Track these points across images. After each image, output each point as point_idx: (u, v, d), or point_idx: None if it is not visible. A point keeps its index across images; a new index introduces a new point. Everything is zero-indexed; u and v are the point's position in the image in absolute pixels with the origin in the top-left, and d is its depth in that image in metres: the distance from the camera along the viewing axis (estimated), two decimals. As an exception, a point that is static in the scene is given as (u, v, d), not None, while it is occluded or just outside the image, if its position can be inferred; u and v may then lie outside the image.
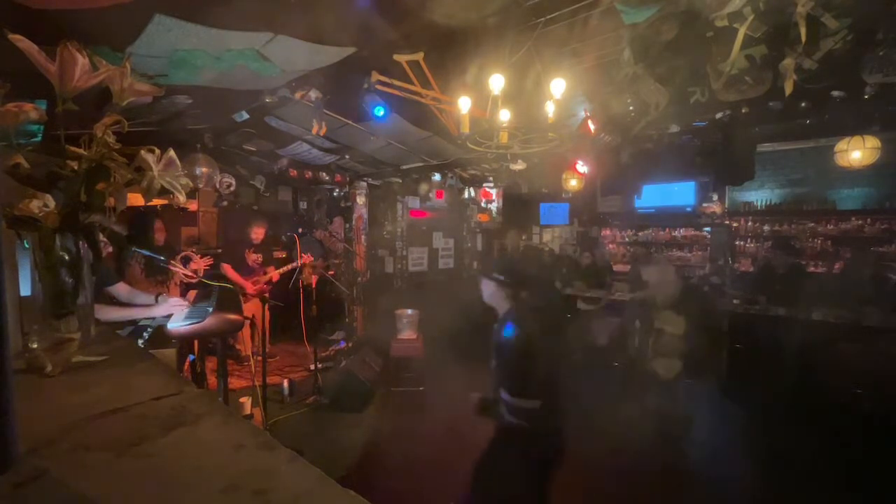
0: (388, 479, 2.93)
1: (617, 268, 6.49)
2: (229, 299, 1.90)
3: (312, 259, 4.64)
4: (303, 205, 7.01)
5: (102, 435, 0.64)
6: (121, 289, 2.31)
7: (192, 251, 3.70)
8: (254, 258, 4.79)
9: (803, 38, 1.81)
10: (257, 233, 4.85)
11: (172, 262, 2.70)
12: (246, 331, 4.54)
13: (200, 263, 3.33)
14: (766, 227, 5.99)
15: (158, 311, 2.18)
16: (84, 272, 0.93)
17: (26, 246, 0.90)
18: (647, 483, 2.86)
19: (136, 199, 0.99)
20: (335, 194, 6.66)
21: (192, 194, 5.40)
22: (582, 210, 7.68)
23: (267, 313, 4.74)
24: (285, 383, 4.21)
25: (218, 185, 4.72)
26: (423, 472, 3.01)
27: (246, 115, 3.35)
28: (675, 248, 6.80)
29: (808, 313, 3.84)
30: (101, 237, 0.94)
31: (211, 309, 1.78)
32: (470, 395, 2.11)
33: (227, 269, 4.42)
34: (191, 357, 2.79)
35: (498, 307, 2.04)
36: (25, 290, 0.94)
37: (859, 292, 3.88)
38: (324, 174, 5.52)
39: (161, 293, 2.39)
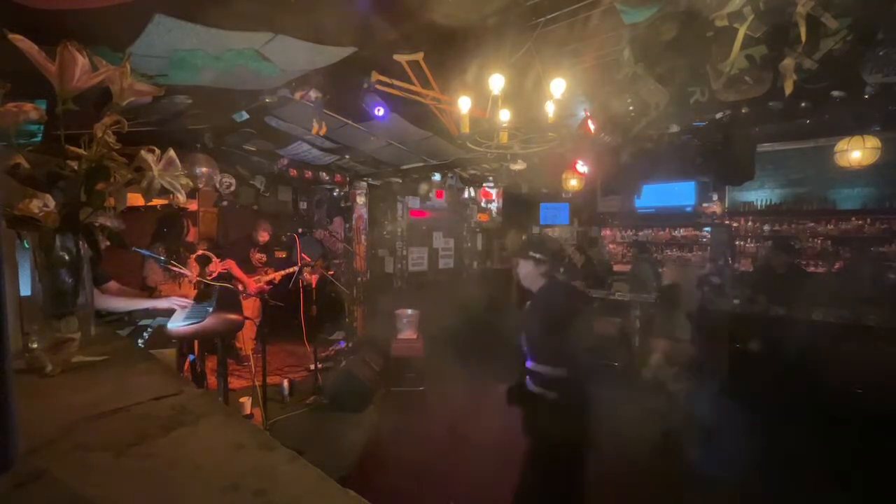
0: (388, 479, 2.93)
1: (617, 268, 6.49)
2: (229, 299, 1.90)
3: (311, 260, 4.65)
4: (303, 205, 7.00)
5: (102, 435, 0.64)
6: (111, 287, 2.31)
7: (200, 247, 3.74)
8: (258, 257, 4.86)
9: (803, 38, 1.81)
10: (263, 235, 4.95)
11: (174, 263, 2.70)
12: (245, 330, 4.56)
13: (218, 266, 3.36)
14: (766, 227, 5.99)
15: (161, 304, 2.20)
16: (84, 272, 0.93)
17: (26, 246, 0.90)
18: (647, 483, 2.86)
19: (136, 199, 0.99)
20: (335, 194, 6.66)
21: (192, 194, 5.40)
22: (582, 210, 7.68)
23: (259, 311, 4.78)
24: (285, 383, 4.21)
25: (218, 185, 4.72)
26: (423, 472, 3.01)
27: (246, 115, 3.35)
28: (675, 247, 6.81)
29: (807, 313, 3.84)
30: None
31: (211, 309, 1.78)
32: (499, 387, 2.24)
33: (231, 265, 4.45)
34: (191, 357, 2.79)
35: (533, 286, 2.15)
36: (25, 290, 0.94)
37: (859, 292, 3.88)
38: (324, 174, 5.52)
39: (157, 290, 2.40)
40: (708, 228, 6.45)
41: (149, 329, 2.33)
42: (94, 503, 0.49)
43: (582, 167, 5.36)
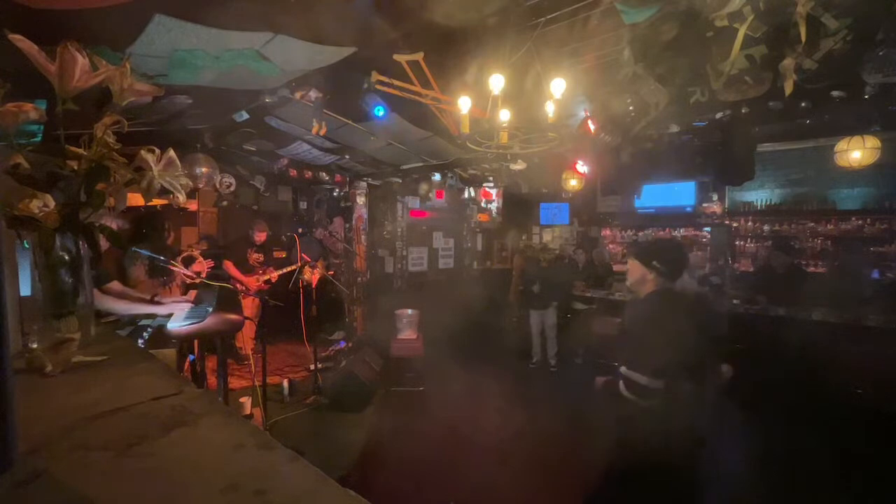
0: (388, 479, 2.93)
1: (617, 268, 6.49)
2: (229, 299, 1.90)
3: (311, 259, 4.66)
4: (303, 205, 7.01)
5: (102, 435, 0.64)
6: (114, 287, 2.32)
7: (195, 251, 3.71)
8: (255, 257, 4.86)
9: (803, 38, 1.81)
10: (259, 235, 4.95)
11: (174, 262, 2.70)
12: (245, 330, 4.57)
13: (203, 265, 3.34)
14: (766, 227, 5.99)
15: (161, 310, 2.19)
16: (84, 272, 0.93)
17: (26, 246, 0.90)
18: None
19: (136, 199, 0.99)
20: (335, 194, 6.66)
21: (192, 194, 5.40)
22: (582, 210, 7.68)
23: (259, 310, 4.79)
24: (285, 383, 4.21)
25: (218, 185, 4.72)
26: (423, 472, 3.01)
27: (246, 115, 3.35)
28: (675, 248, 6.80)
29: (807, 313, 3.84)
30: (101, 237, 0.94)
31: (211, 309, 1.79)
32: (596, 380, 2.14)
33: (229, 265, 4.47)
34: (191, 357, 2.79)
35: (641, 290, 2.01)
36: (25, 290, 0.94)
37: (859, 292, 3.89)
38: (324, 174, 5.52)
39: (156, 294, 2.40)
40: (708, 228, 6.45)
41: (149, 329, 2.33)
42: (94, 503, 0.49)
43: (582, 167, 5.37)
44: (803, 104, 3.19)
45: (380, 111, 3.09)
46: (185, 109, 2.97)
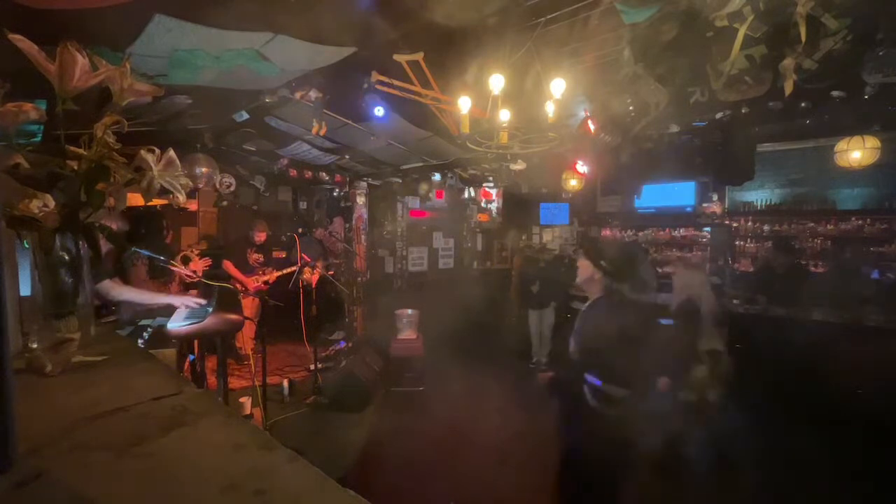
0: (388, 479, 2.93)
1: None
2: (229, 299, 1.90)
3: (311, 260, 4.66)
4: (303, 205, 7.01)
5: (102, 435, 0.64)
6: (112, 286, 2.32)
7: (192, 251, 3.71)
8: (255, 257, 4.86)
9: (803, 38, 1.81)
10: (259, 235, 4.96)
11: (173, 262, 2.70)
12: (245, 330, 4.57)
13: (199, 264, 3.34)
14: (766, 227, 5.98)
15: (175, 300, 2.19)
16: (84, 272, 0.93)
17: (26, 246, 0.90)
18: (648, 483, 2.85)
19: (136, 199, 0.99)
20: (335, 194, 6.66)
21: (192, 194, 5.41)
22: (582, 210, 7.68)
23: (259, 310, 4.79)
24: (285, 383, 4.22)
25: (218, 185, 4.72)
26: (423, 472, 3.01)
27: (246, 115, 3.35)
28: (675, 248, 6.80)
29: (807, 313, 3.84)
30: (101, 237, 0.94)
31: (211, 309, 1.79)
32: (539, 376, 2.18)
33: (228, 265, 4.47)
34: (191, 357, 2.79)
35: (589, 292, 2.04)
36: (25, 290, 0.94)
37: (859, 292, 3.88)
38: (324, 174, 5.52)
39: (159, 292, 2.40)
40: (708, 228, 6.44)
41: (149, 329, 2.33)
42: (94, 503, 0.49)
43: (582, 167, 5.36)
44: (803, 104, 3.19)
45: (380, 111, 3.09)
46: (185, 109, 2.97)
